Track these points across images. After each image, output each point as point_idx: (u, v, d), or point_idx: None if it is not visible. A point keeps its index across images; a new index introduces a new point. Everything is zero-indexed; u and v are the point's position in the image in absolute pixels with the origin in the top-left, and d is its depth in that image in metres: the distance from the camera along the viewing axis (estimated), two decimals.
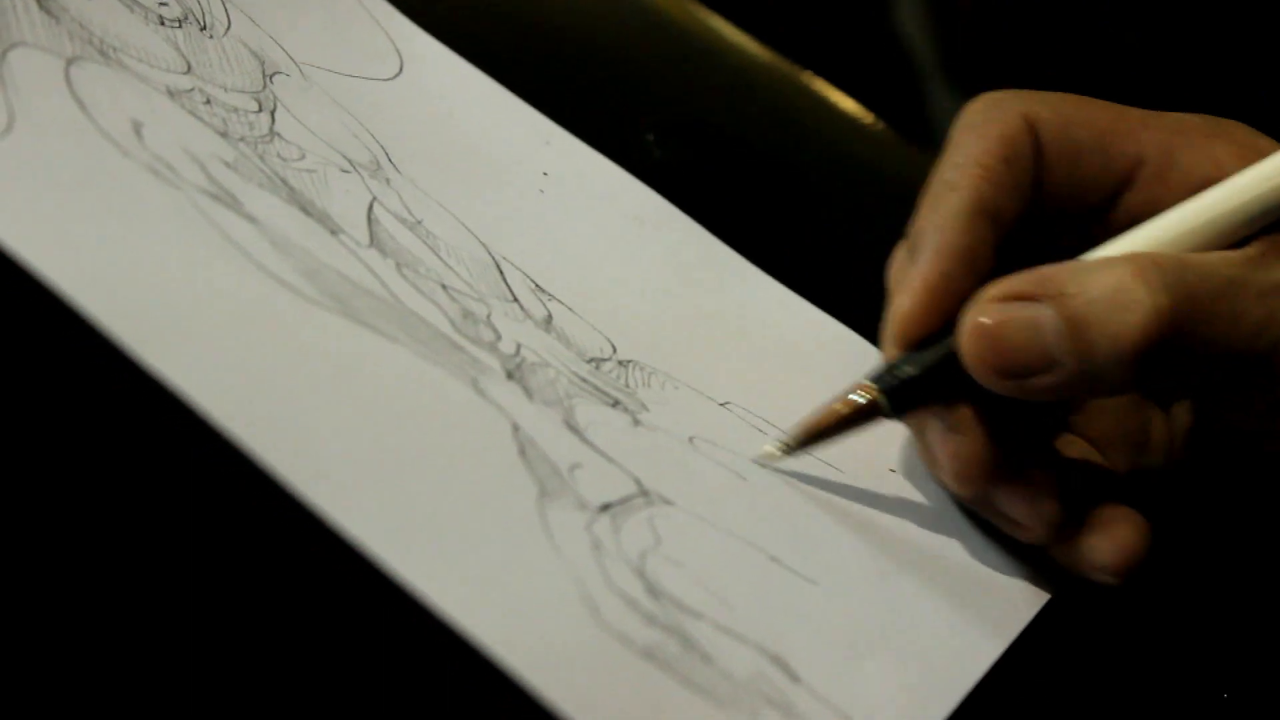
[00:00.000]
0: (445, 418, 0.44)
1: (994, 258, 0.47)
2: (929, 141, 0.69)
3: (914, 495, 0.50)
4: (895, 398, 0.47)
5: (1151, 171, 0.48)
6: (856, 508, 0.49)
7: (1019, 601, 0.48)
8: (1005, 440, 0.47)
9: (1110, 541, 0.47)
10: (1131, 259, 0.44)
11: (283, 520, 0.39)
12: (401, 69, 0.58)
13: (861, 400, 0.47)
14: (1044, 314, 0.44)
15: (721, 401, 0.51)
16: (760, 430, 0.50)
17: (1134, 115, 0.49)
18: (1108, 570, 0.47)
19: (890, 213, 0.51)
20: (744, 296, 0.56)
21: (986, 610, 0.47)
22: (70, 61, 0.48)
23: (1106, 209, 0.48)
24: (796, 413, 0.52)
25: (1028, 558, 0.49)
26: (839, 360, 0.55)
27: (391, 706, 0.38)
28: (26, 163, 0.44)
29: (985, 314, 0.45)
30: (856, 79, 0.73)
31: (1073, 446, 0.51)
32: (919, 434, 0.49)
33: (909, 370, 0.47)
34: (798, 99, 0.70)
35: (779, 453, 0.48)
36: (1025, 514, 0.47)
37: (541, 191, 0.56)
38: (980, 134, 0.48)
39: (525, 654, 0.39)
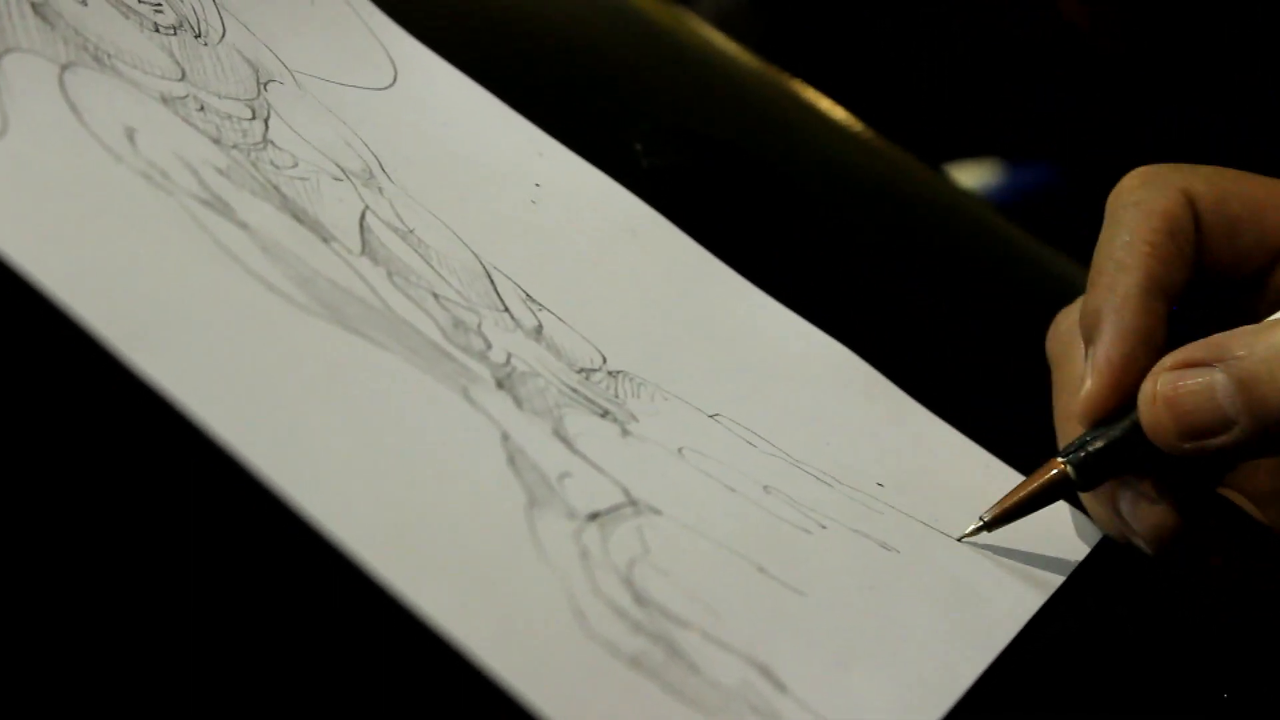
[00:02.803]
0: (435, 426, 0.44)
1: (1167, 331, 0.49)
2: (918, 148, 0.70)
3: (901, 509, 0.51)
4: (1084, 471, 0.49)
5: None
6: (845, 520, 0.49)
7: (1007, 612, 0.48)
8: (1184, 499, 0.50)
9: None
10: None
11: (273, 527, 0.39)
12: (396, 79, 0.58)
13: (1053, 475, 0.50)
14: (1217, 378, 0.46)
15: (711, 413, 0.51)
16: (749, 442, 0.51)
17: None
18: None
19: (879, 222, 0.52)
20: (734, 309, 0.56)
21: (974, 621, 0.48)
22: (65, 67, 0.48)
23: (1264, 278, 0.51)
24: (785, 425, 0.52)
25: (1015, 569, 0.49)
26: (827, 372, 0.55)
27: (379, 713, 0.38)
28: (20, 168, 0.44)
29: (1162, 383, 0.47)
30: (845, 86, 0.73)
31: (1233, 501, 0.52)
32: (1109, 505, 0.51)
33: (1097, 445, 0.49)
34: (786, 107, 0.70)
35: (976, 530, 0.51)
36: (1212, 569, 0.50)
37: (534, 202, 0.56)
38: (1144, 211, 0.50)
39: (512, 661, 0.39)
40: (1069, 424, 0.51)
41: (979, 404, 0.57)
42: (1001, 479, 0.53)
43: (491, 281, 0.51)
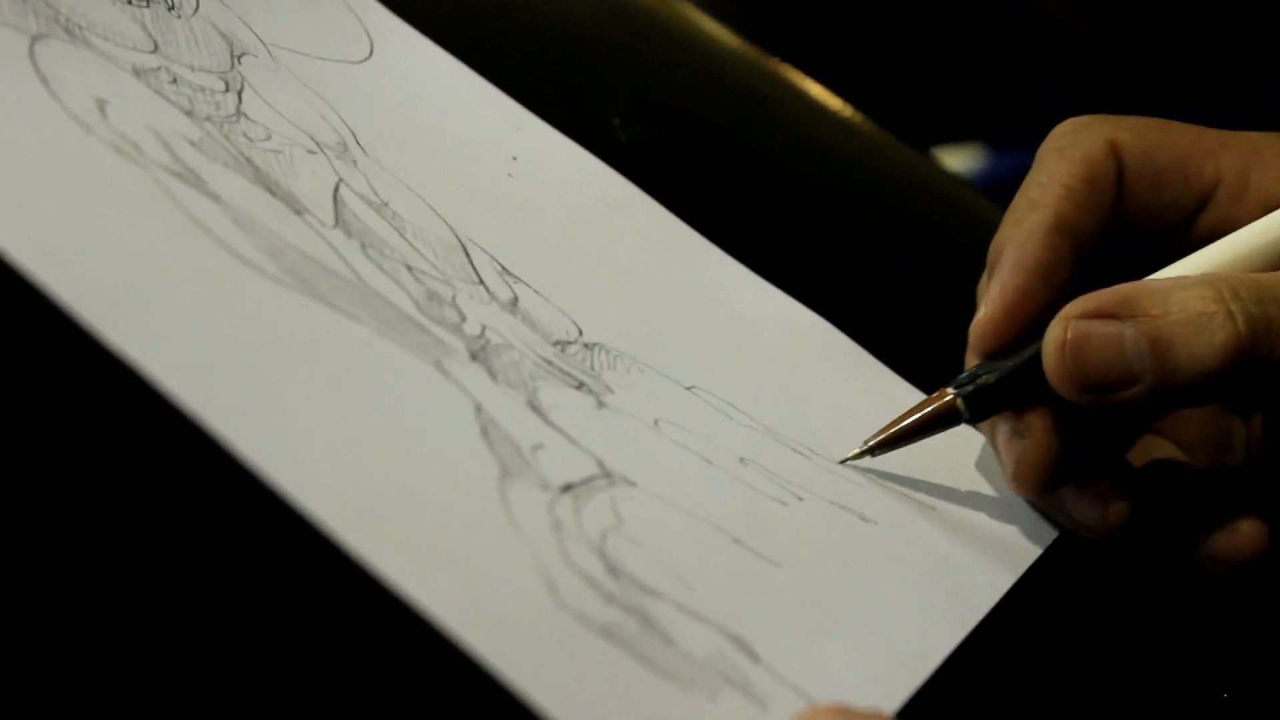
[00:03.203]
0: (408, 398, 0.44)
1: (1072, 273, 0.49)
2: (895, 126, 0.70)
3: (877, 479, 0.50)
4: (974, 403, 0.49)
5: (1227, 192, 0.50)
6: (822, 492, 0.49)
7: (984, 584, 0.48)
8: (1080, 443, 0.50)
9: (1230, 539, 0.50)
10: (1211, 281, 0.46)
11: (244, 498, 0.39)
12: (372, 52, 0.58)
13: (939, 404, 0.50)
14: (1127, 332, 0.46)
15: (687, 385, 0.51)
16: (726, 415, 0.50)
17: (1212, 137, 0.51)
18: (1226, 564, 0.50)
19: (856, 197, 0.52)
20: (711, 281, 0.56)
21: (950, 593, 0.47)
22: (35, 39, 0.47)
23: (1185, 228, 0.51)
24: (763, 396, 0.52)
25: (992, 541, 0.49)
26: (804, 344, 0.55)
27: (349, 683, 0.38)
28: None
29: (1069, 329, 0.47)
30: (829, 68, 0.73)
31: (1157, 448, 0.53)
32: (989, 438, 0.51)
33: (988, 378, 0.49)
34: (767, 85, 0.70)
35: (858, 453, 0.50)
36: (1088, 516, 0.50)
37: (510, 175, 0.56)
38: (1065, 156, 0.50)
39: (484, 632, 0.39)
40: (969, 356, 0.51)
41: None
42: (979, 449, 0.53)
43: (467, 254, 0.51)
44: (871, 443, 0.50)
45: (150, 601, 0.38)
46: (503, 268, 0.51)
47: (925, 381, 0.55)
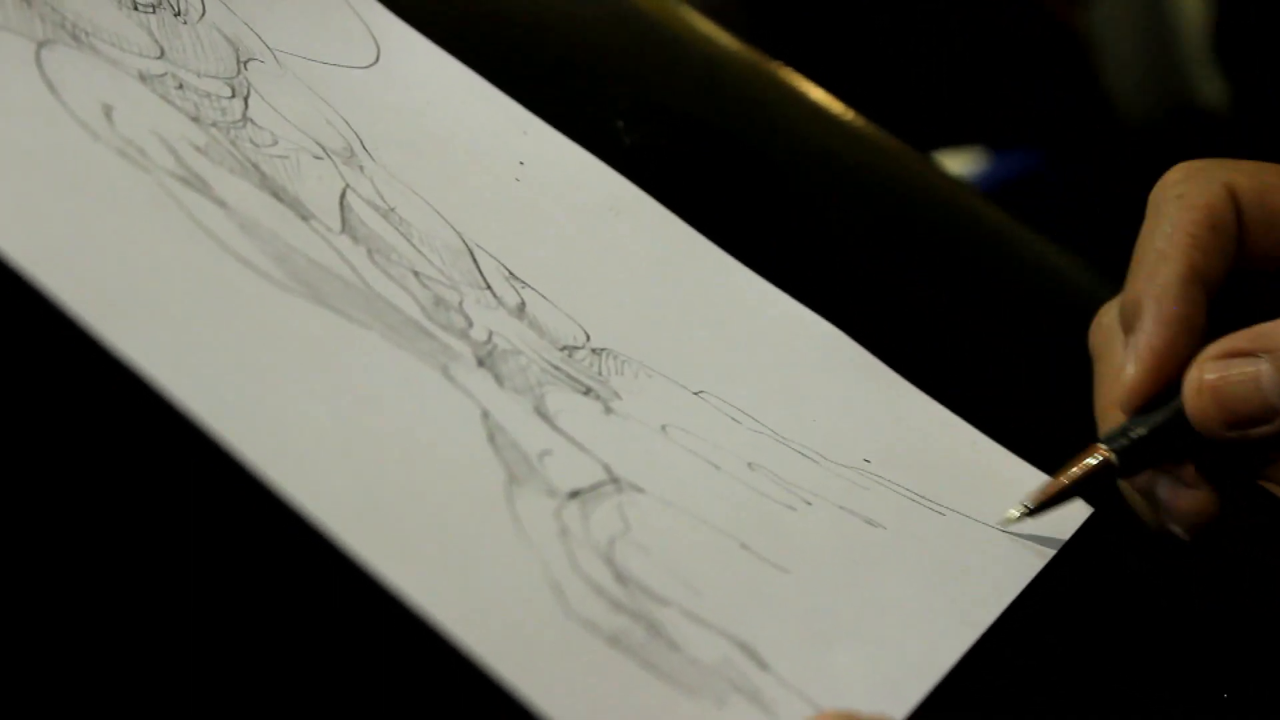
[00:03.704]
0: (414, 404, 0.44)
1: (1206, 321, 0.50)
2: (897, 129, 0.70)
3: (887, 485, 0.50)
4: (1126, 458, 0.50)
5: None
6: (830, 496, 0.49)
7: (991, 591, 0.48)
8: (1222, 487, 0.50)
9: None
10: None
11: (250, 505, 0.39)
12: (378, 57, 0.58)
13: (1096, 462, 0.50)
14: (1262, 367, 0.48)
15: (695, 390, 0.51)
16: (734, 419, 0.50)
17: None
18: None
19: (858, 200, 0.51)
20: (717, 286, 0.56)
21: (958, 599, 0.47)
22: (42, 44, 0.47)
23: None
24: (771, 401, 0.52)
25: (1000, 547, 0.49)
26: (811, 348, 0.55)
27: (355, 689, 0.38)
28: None
29: (1208, 371, 0.48)
30: (833, 74, 0.73)
31: (1272, 491, 0.53)
32: (1146, 491, 0.51)
33: (1139, 432, 0.50)
34: (769, 89, 0.70)
35: (1019, 516, 0.51)
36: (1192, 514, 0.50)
37: (517, 180, 0.56)
38: (1186, 203, 0.51)
39: (490, 640, 0.39)
40: (1111, 413, 0.52)
41: (965, 381, 0.57)
42: (988, 455, 0.53)
43: (474, 259, 0.51)
44: (1032, 505, 0.50)
45: (154, 608, 0.38)
46: (510, 273, 0.51)
47: (927, 382, 0.55)
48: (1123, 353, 0.51)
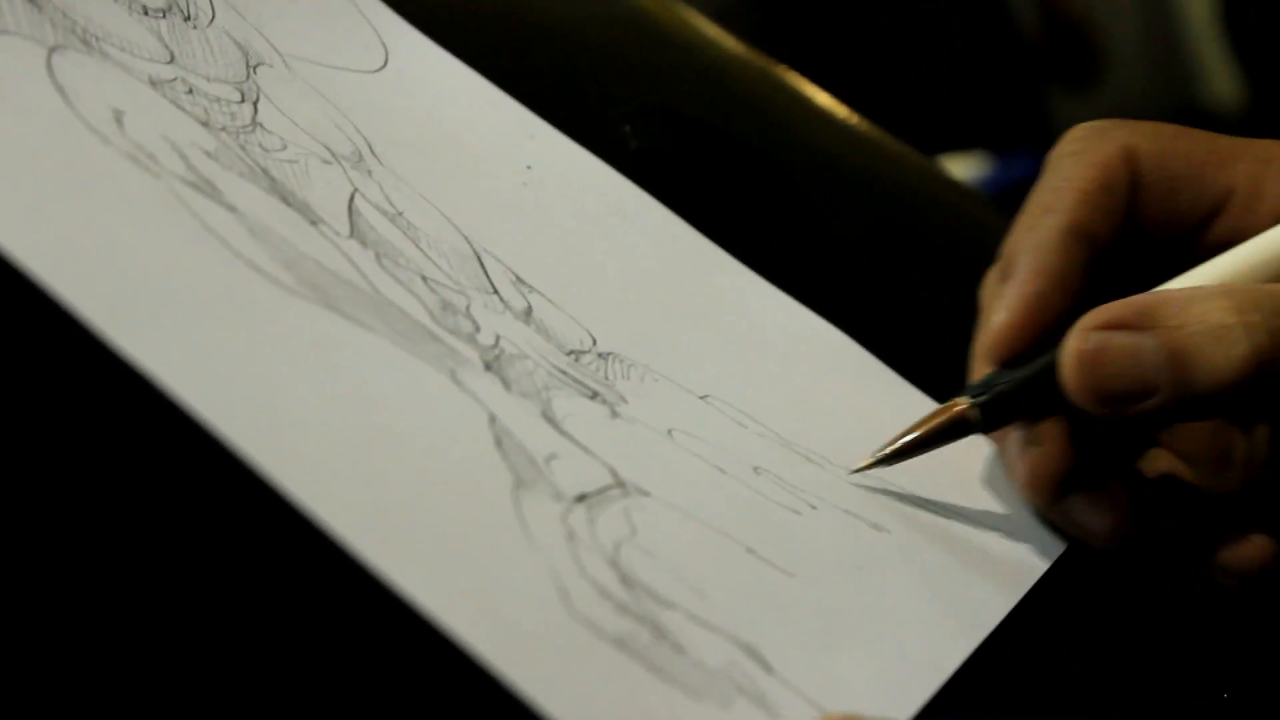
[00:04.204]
0: (422, 408, 0.44)
1: (1086, 279, 0.49)
2: (902, 133, 0.70)
3: (892, 489, 0.51)
4: (988, 412, 0.49)
5: (1241, 201, 0.50)
6: (835, 500, 0.49)
7: (996, 594, 0.48)
8: (1089, 452, 0.49)
9: (1240, 550, 0.50)
10: (1229, 293, 0.46)
11: (259, 508, 0.39)
12: (386, 61, 0.58)
13: (952, 413, 0.49)
14: (1145, 343, 0.46)
15: (701, 394, 0.51)
16: (740, 424, 0.51)
17: (1226, 144, 0.51)
18: (1235, 575, 0.50)
19: (866, 205, 0.52)
20: (724, 290, 0.56)
21: (963, 603, 0.48)
22: (52, 50, 0.48)
23: (1197, 235, 0.51)
24: (776, 405, 0.52)
25: (1004, 551, 0.49)
26: (817, 352, 0.55)
27: (361, 691, 0.38)
28: (6, 150, 0.44)
29: (1087, 340, 0.47)
30: (839, 79, 0.73)
31: (1160, 460, 0.52)
32: (1000, 445, 0.51)
33: (1003, 387, 0.49)
34: (771, 91, 0.70)
35: (870, 464, 0.50)
36: (1097, 525, 0.50)
37: (524, 185, 0.56)
38: (1081, 160, 0.50)
39: (497, 643, 0.39)
40: (979, 365, 0.51)
41: None
42: (992, 459, 0.53)
43: (481, 264, 0.51)
44: (883, 452, 0.50)
45: (163, 610, 0.38)
46: (517, 277, 0.51)
47: (934, 388, 0.56)
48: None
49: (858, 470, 0.50)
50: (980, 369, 0.51)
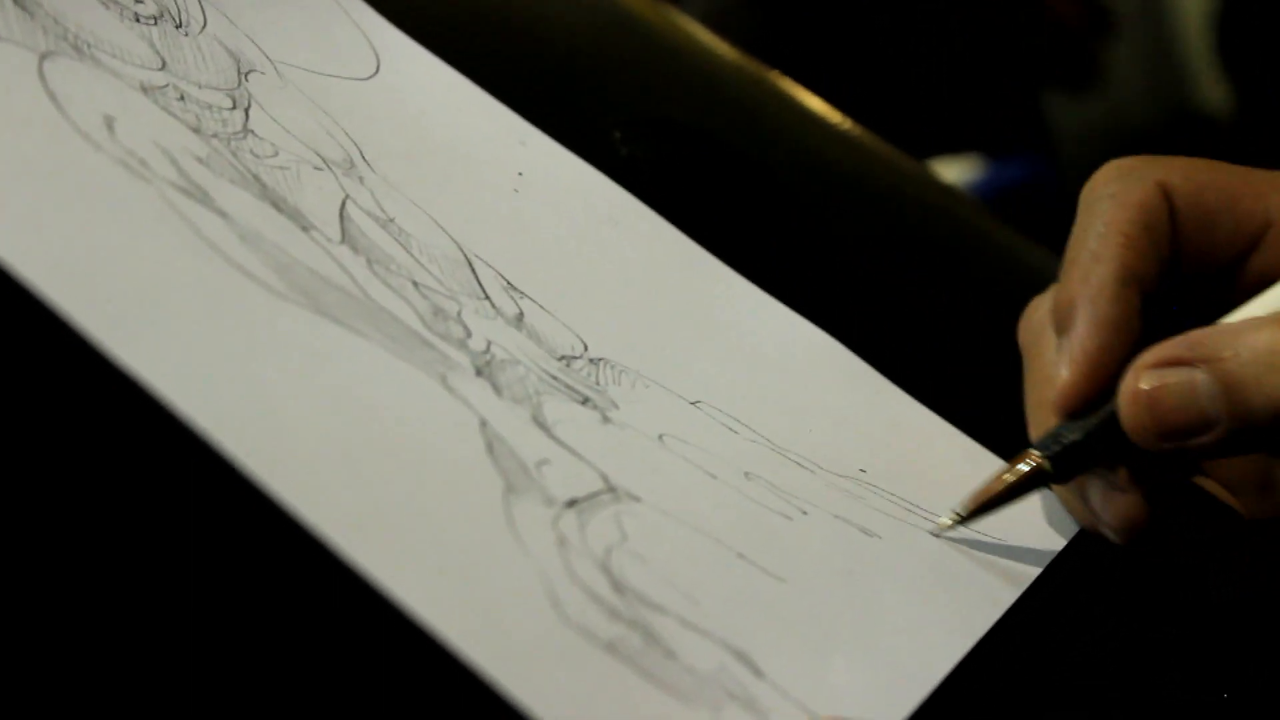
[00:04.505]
0: (413, 413, 0.44)
1: (1142, 322, 0.49)
2: (894, 138, 0.70)
3: (882, 495, 0.51)
4: (1059, 464, 0.49)
5: (1278, 232, 0.50)
6: (826, 506, 0.49)
7: (986, 599, 0.49)
8: (1155, 491, 0.50)
9: None
10: (1279, 320, 0.47)
11: (250, 514, 0.39)
12: (378, 69, 0.58)
13: (1029, 468, 0.49)
14: (1199, 377, 0.46)
15: (692, 400, 0.51)
16: (731, 429, 0.51)
17: (1260, 176, 0.51)
18: None
19: (855, 209, 0.52)
20: (715, 296, 0.56)
21: (954, 608, 0.48)
22: (44, 56, 0.48)
23: (1237, 268, 0.51)
24: (767, 411, 0.52)
25: (995, 556, 0.49)
26: (807, 358, 0.55)
27: (353, 698, 0.38)
28: None
29: (1143, 380, 0.47)
30: (829, 82, 0.73)
31: (1206, 488, 0.53)
32: (1079, 495, 0.51)
33: (1072, 437, 0.49)
34: (762, 96, 0.70)
35: (951, 523, 0.50)
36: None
37: (516, 191, 0.56)
38: (1118, 202, 0.50)
39: (487, 647, 0.39)
40: (1041, 414, 0.51)
41: (961, 391, 0.57)
42: (983, 464, 0.53)
43: (472, 269, 0.51)
44: (964, 512, 0.50)
45: (152, 616, 0.38)
46: (508, 283, 0.52)
47: (925, 394, 0.56)
48: (1053, 354, 0.50)
49: (940, 532, 0.50)
50: (1042, 421, 0.51)
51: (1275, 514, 0.52)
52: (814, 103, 0.70)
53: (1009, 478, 0.50)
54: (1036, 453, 0.49)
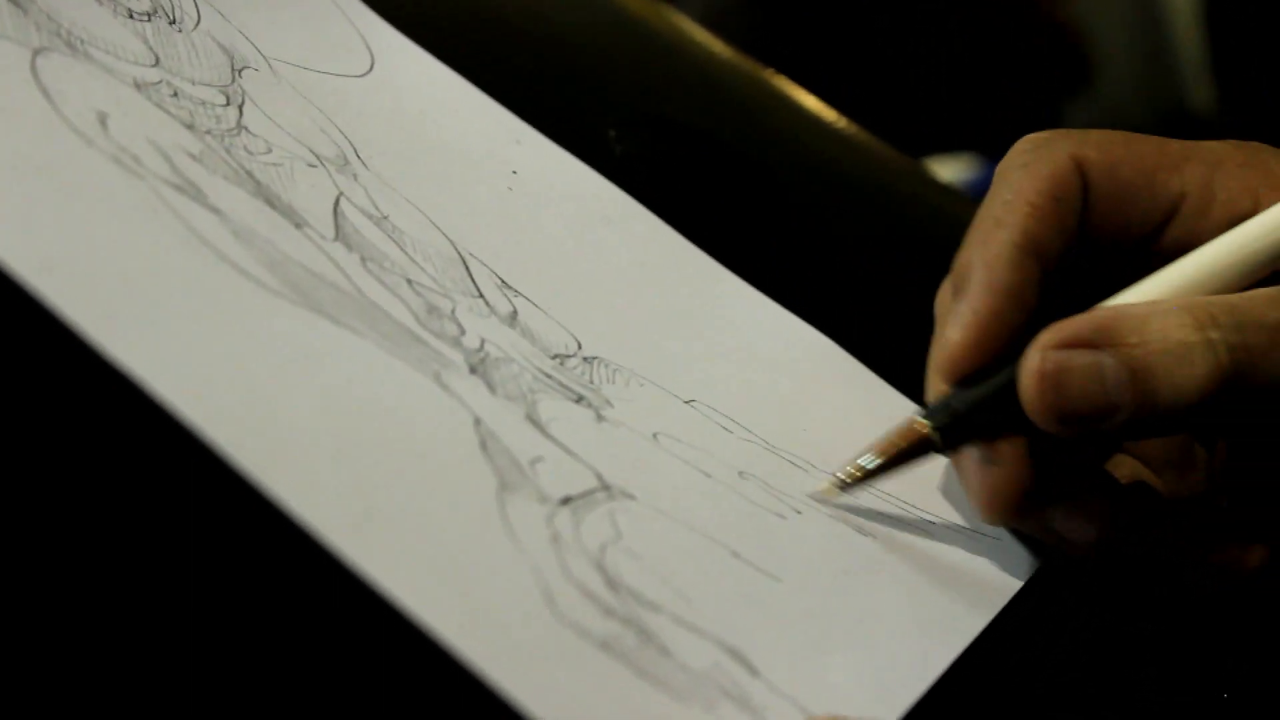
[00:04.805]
0: (406, 410, 0.44)
1: (1040, 293, 0.48)
2: (889, 137, 0.70)
3: (878, 493, 0.51)
4: (947, 433, 0.48)
5: (1193, 206, 0.49)
6: (819, 506, 0.49)
7: (981, 598, 0.48)
8: (1053, 463, 0.49)
9: (1226, 556, 0.50)
10: (1189, 308, 0.46)
11: (243, 511, 0.39)
12: (373, 66, 0.58)
13: (910, 437, 0.48)
14: (1106, 362, 0.45)
15: (686, 399, 0.51)
16: (725, 428, 0.51)
17: (1175, 149, 0.50)
18: (1218, 580, 0.50)
19: (850, 208, 0.52)
20: (709, 295, 0.56)
21: (949, 607, 0.48)
22: (37, 52, 0.48)
23: (1150, 241, 0.50)
24: (762, 410, 0.52)
25: (991, 555, 0.49)
26: (802, 358, 0.55)
27: (347, 695, 0.38)
28: None
29: (1047, 360, 0.46)
30: (825, 80, 0.73)
31: (1123, 467, 0.52)
32: (955, 464, 0.50)
33: (959, 406, 0.48)
34: (758, 95, 0.70)
35: (835, 489, 0.49)
36: (1075, 535, 0.49)
37: (510, 189, 0.56)
38: (1029, 173, 0.49)
39: (482, 645, 0.39)
40: (934, 382, 0.50)
41: None
42: None
43: (467, 267, 0.51)
44: (847, 478, 0.49)
45: (145, 612, 0.38)
46: (502, 281, 0.51)
47: (919, 393, 0.56)
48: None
49: (818, 496, 0.49)
50: (935, 386, 0.50)
51: (1197, 491, 0.51)
52: (810, 102, 0.70)
53: (893, 447, 0.49)
54: (921, 420, 0.48)
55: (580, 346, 0.51)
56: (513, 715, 0.38)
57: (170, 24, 0.53)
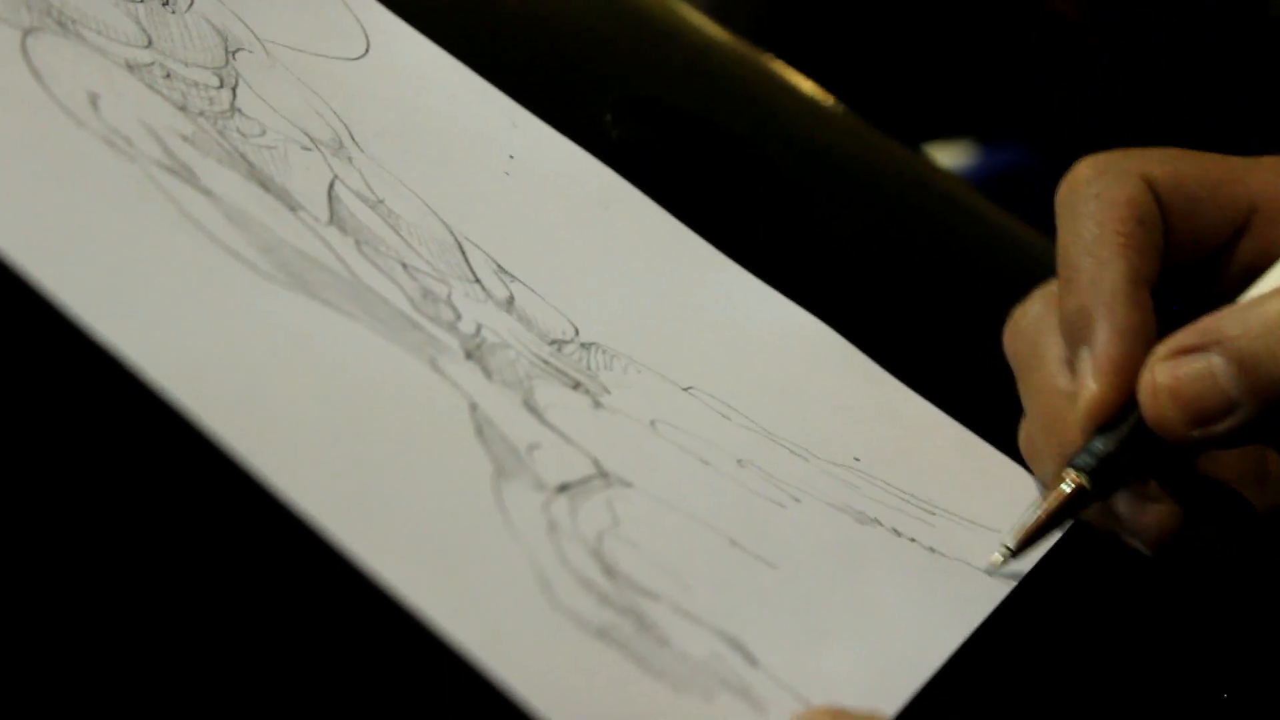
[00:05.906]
0: (402, 395, 0.43)
1: (1156, 322, 0.48)
2: (887, 122, 0.69)
3: (876, 484, 0.50)
4: (1098, 480, 0.48)
5: (1265, 215, 0.50)
6: (819, 493, 0.49)
7: (982, 588, 0.48)
8: (1183, 496, 0.49)
9: None
10: None
11: (236, 496, 0.39)
12: (368, 49, 0.57)
13: (1069, 489, 0.48)
14: (1215, 361, 0.45)
15: (685, 386, 0.51)
16: (724, 416, 0.50)
17: (1237, 161, 0.50)
18: None
19: (847, 193, 0.51)
20: (707, 281, 0.55)
21: (949, 597, 0.47)
22: (28, 32, 0.47)
23: (1223, 255, 0.50)
24: (760, 398, 0.52)
25: (991, 544, 0.49)
26: (802, 346, 0.55)
27: (341, 683, 0.38)
28: None
29: (1160, 374, 0.46)
30: (823, 65, 0.73)
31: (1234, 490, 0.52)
32: (1113, 509, 0.49)
33: (1105, 449, 0.48)
34: (754, 79, 0.70)
35: (1003, 560, 0.49)
36: (1158, 526, 0.49)
37: (506, 174, 0.55)
38: (1107, 201, 0.49)
39: (478, 633, 0.38)
40: (1051, 428, 0.49)
41: (954, 378, 0.57)
42: (975, 452, 0.53)
43: (463, 252, 0.51)
44: (1013, 545, 0.48)
45: (140, 598, 0.37)
46: (499, 266, 0.51)
47: (916, 380, 0.55)
48: (1057, 365, 0.49)
49: (993, 566, 0.49)
50: (1047, 440, 0.50)
51: (1272, 507, 0.51)
52: (807, 86, 0.69)
53: (1052, 504, 0.48)
54: (1074, 472, 0.48)
55: (577, 332, 0.50)
56: (508, 703, 0.38)
57: (163, 4, 0.52)
